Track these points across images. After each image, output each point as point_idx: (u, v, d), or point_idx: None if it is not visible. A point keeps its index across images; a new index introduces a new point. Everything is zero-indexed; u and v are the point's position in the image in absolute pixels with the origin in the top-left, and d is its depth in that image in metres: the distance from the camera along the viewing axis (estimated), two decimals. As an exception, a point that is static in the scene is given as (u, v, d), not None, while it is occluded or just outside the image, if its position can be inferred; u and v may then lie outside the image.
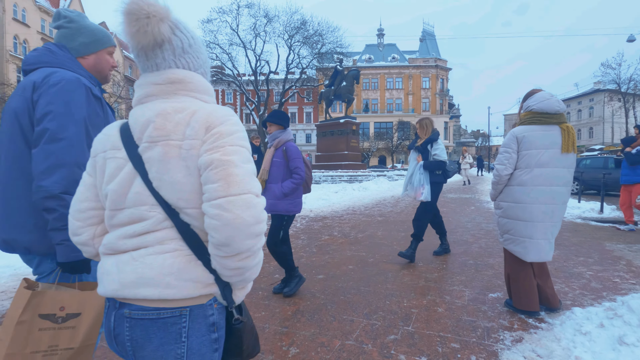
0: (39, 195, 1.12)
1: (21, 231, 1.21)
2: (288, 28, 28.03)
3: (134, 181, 0.80)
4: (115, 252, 0.82)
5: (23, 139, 1.21)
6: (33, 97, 1.19)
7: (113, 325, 0.81)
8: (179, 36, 0.87)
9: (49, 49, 1.30)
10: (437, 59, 51.66)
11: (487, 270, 3.62)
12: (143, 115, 0.83)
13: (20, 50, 30.38)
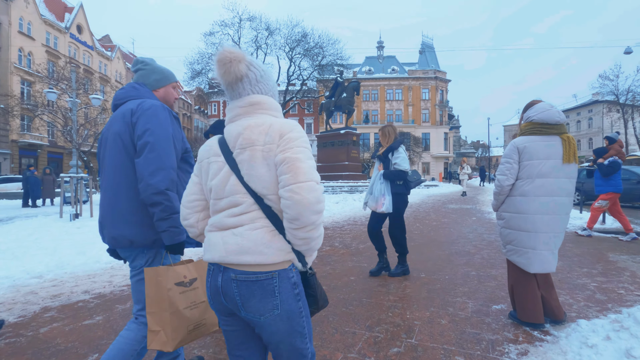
0: (148, 192, 1.44)
1: (126, 227, 1.51)
2: (289, 40, 28.48)
3: (230, 177, 1.11)
4: (220, 229, 1.11)
5: (125, 153, 1.54)
6: (132, 120, 1.53)
7: (221, 285, 1.09)
8: (252, 71, 1.19)
9: (133, 86, 1.69)
10: (437, 70, 52.20)
11: (490, 281, 3.59)
12: (235, 130, 1.14)
13: (24, 63, 30.77)
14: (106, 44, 44.49)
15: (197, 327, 1.49)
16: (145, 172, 1.45)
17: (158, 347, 1.42)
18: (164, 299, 1.42)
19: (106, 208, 1.58)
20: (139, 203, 1.51)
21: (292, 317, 1.11)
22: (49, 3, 35.24)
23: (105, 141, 1.62)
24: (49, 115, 23.17)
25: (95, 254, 4.71)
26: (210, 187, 1.16)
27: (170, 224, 1.47)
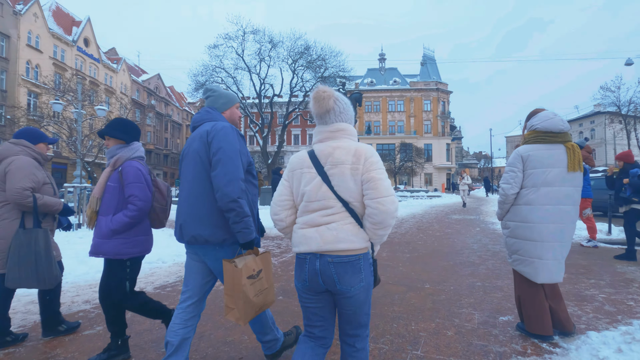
0: (224, 200, 1.72)
1: (204, 228, 1.80)
2: (292, 53, 28.81)
3: (322, 186, 1.47)
4: (313, 226, 1.46)
5: (203, 167, 1.83)
6: (208, 140, 1.83)
7: (319, 268, 1.44)
8: (338, 105, 1.57)
9: (206, 110, 2.01)
10: (438, 82, 52.61)
11: (496, 292, 3.53)
12: (325, 149, 1.51)
13: (32, 75, 31.28)
14: (112, 57, 45.24)
15: (261, 308, 1.86)
16: (221, 184, 1.73)
17: (233, 319, 1.78)
18: (239, 291, 1.73)
19: (187, 212, 1.86)
20: (214, 208, 1.80)
21: (369, 288, 1.50)
22: (57, 17, 36.02)
23: (186, 157, 1.94)
24: (55, 126, 23.44)
25: (97, 263, 4.69)
26: (303, 192, 1.51)
27: (243, 226, 1.75)
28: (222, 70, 29.13)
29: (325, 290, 1.48)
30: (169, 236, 7.09)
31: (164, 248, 5.74)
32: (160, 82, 53.95)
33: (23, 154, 2.52)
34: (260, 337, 2.13)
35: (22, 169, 2.42)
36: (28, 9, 31.21)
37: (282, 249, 6.09)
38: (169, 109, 55.58)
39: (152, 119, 49.85)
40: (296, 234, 1.52)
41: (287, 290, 3.69)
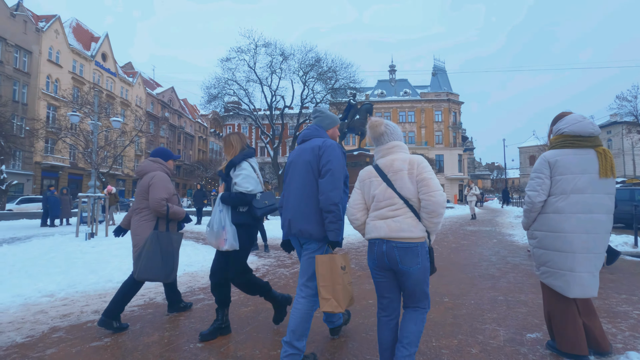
0: (327, 203, 2.09)
1: (309, 224, 2.17)
2: (303, 65, 29.12)
3: (387, 189, 1.93)
4: (382, 219, 1.91)
5: (312, 175, 2.22)
6: (319, 153, 2.22)
7: (385, 250, 1.87)
8: (388, 129, 2.07)
9: (315, 128, 2.43)
10: (449, 93, 52.39)
11: (520, 307, 3.33)
12: (386, 162, 1.99)
13: (51, 89, 32.31)
14: (128, 71, 46.53)
15: (352, 299, 2.15)
16: (326, 189, 2.11)
17: (330, 310, 2.03)
18: (338, 277, 2.04)
19: (296, 210, 2.23)
20: (318, 209, 2.16)
21: (425, 271, 1.89)
22: (77, 33, 37.36)
23: (296, 165, 2.34)
24: (72, 137, 24.02)
25: (107, 273, 4.65)
26: (373, 195, 1.99)
27: (336, 227, 2.11)
28: (234, 83, 29.58)
29: (389, 269, 1.91)
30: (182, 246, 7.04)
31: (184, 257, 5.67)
32: (174, 95, 55.13)
33: (160, 170, 3.09)
34: (291, 338, 2.21)
35: (161, 182, 2.96)
36: (50, 26, 32.46)
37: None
38: (182, 121, 56.60)
39: (165, 131, 50.78)
40: (368, 225, 2.00)
41: (300, 302, 3.56)
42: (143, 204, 2.97)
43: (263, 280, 2.94)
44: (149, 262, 2.77)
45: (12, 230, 11.62)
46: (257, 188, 2.71)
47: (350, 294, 2.14)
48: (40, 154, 30.54)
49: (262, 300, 3.63)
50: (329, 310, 2.02)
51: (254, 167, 2.81)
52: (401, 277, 1.89)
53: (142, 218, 2.94)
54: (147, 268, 2.77)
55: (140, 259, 2.77)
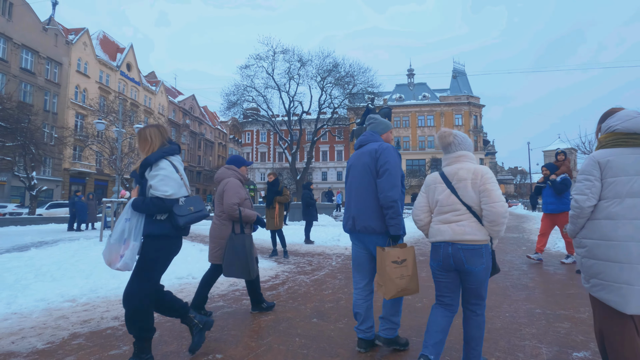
0: (386, 200, 2.31)
1: (372, 220, 2.40)
2: (320, 71, 29.21)
3: (451, 196, 2.07)
4: (446, 223, 2.05)
5: (371, 176, 2.44)
6: (376, 156, 2.43)
7: (451, 252, 2.01)
8: (456, 139, 2.19)
9: (370, 134, 2.63)
10: (469, 96, 51.33)
11: (561, 322, 3.06)
12: (452, 170, 2.12)
13: (80, 98, 33.67)
14: (151, 80, 48.02)
15: (403, 290, 2.25)
16: (385, 188, 2.33)
17: (381, 293, 2.29)
18: (387, 268, 2.23)
19: (359, 209, 2.47)
20: (378, 206, 2.38)
21: (487, 271, 2.02)
22: (103, 45, 38.91)
23: (355, 168, 2.57)
24: (98, 145, 24.87)
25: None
26: (437, 200, 2.13)
27: (396, 222, 2.30)
28: (253, 90, 29.97)
29: (454, 269, 2.05)
30: (200, 251, 7.04)
31: (194, 263, 5.65)
32: (194, 103, 56.46)
33: (233, 177, 3.32)
34: (386, 314, 2.48)
35: (233, 189, 3.18)
36: (79, 39, 33.95)
37: (314, 266, 5.82)
38: (202, 127, 57.82)
39: (186, 138, 51.97)
40: (432, 228, 2.15)
41: (322, 312, 3.42)
42: (220, 208, 3.25)
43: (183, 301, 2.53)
44: (227, 261, 3.06)
45: (41, 234, 12.02)
46: (180, 192, 2.24)
47: (402, 286, 2.23)
48: (69, 160, 31.79)
49: (282, 309, 3.51)
50: (380, 294, 2.31)
51: (177, 166, 2.30)
52: (466, 277, 2.04)
53: (222, 222, 3.24)
54: (227, 267, 3.07)
55: (224, 259, 3.09)
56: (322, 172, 54.98)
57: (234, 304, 3.69)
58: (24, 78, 28.56)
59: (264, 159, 57.50)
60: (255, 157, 57.72)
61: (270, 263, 6.10)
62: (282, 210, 6.98)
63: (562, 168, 5.97)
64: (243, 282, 4.61)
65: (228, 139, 66.04)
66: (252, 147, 58.34)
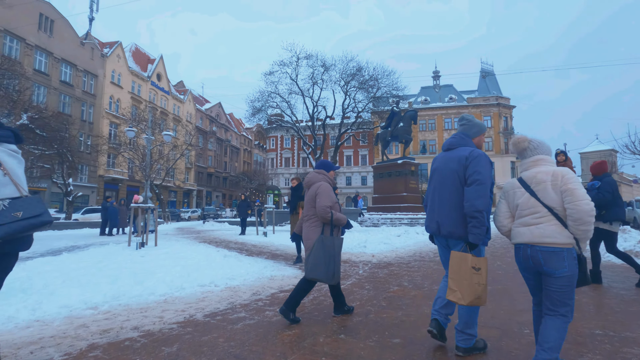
0: (471, 209, 2.26)
1: (457, 227, 2.39)
2: (344, 75, 29.07)
3: (530, 199, 2.10)
4: (526, 226, 2.10)
5: (459, 183, 2.40)
6: (465, 163, 2.37)
7: (530, 254, 2.06)
8: (531, 144, 2.24)
9: (461, 136, 2.57)
10: (499, 97, 49.47)
11: (630, 346, 2.63)
12: (530, 174, 2.15)
13: (113, 108, 35.24)
14: (180, 89, 49.67)
15: (479, 298, 2.21)
16: (471, 197, 2.28)
17: (454, 300, 2.24)
18: (466, 273, 2.21)
19: (445, 216, 2.47)
20: (463, 213, 2.35)
21: (572, 278, 1.99)
22: (135, 56, 40.68)
23: (441, 172, 2.55)
24: (130, 152, 25.83)
25: (152, 284, 4.58)
26: (516, 204, 2.17)
27: (478, 232, 2.26)
28: (277, 96, 30.25)
29: (535, 270, 2.09)
30: (224, 257, 6.95)
31: (217, 270, 5.54)
32: (221, 110, 57.85)
33: (324, 180, 3.41)
34: (462, 327, 2.43)
35: (326, 192, 3.27)
36: (113, 51, 35.65)
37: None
38: (228, 134, 59.07)
39: (213, 144, 53.23)
40: (513, 231, 2.19)
41: (349, 327, 3.15)
42: (311, 212, 3.33)
43: None
44: (314, 263, 3.10)
45: (74, 238, 12.47)
46: (3, 191, 1.71)
47: (479, 294, 2.20)
48: (103, 167, 33.27)
49: (307, 322, 3.27)
50: (453, 300, 2.26)
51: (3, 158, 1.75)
52: (546, 279, 2.04)
53: (311, 224, 3.31)
54: (313, 269, 3.10)
55: (309, 260, 3.13)
56: (346, 177, 54.59)
57: (257, 315, 3.49)
58: (63, 90, 30.24)
59: (288, 165, 57.85)
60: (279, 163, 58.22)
61: (295, 271, 5.89)
62: (307, 215, 6.77)
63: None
64: (267, 292, 4.42)
65: (253, 145, 67.08)
66: (277, 152, 58.90)
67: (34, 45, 27.88)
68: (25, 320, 3.29)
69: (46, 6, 29.23)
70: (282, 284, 4.84)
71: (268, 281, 5.03)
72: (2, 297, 3.94)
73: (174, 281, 4.75)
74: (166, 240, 10.88)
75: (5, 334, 2.96)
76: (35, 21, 28.07)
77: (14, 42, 26.54)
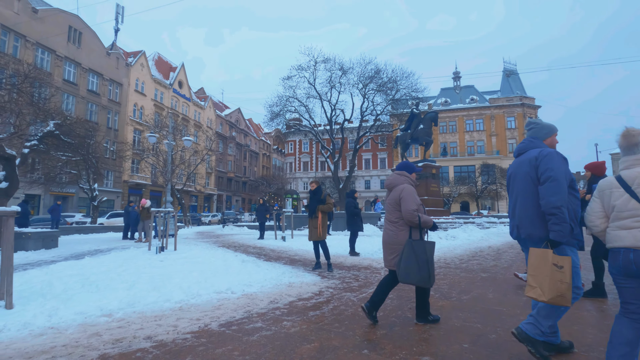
0: (548, 207, 2.24)
1: (535, 228, 2.37)
2: (362, 78, 28.77)
3: (631, 201, 1.96)
4: (627, 229, 1.95)
5: (532, 184, 2.40)
6: (536, 164, 2.38)
7: (633, 258, 1.89)
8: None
9: (529, 140, 2.57)
10: (523, 96, 47.89)
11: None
12: (631, 174, 2.00)
13: (137, 115, 36.30)
14: (200, 95, 50.73)
15: (562, 296, 2.14)
16: (546, 194, 2.25)
17: (533, 296, 2.21)
18: (547, 269, 2.16)
19: (522, 218, 2.46)
20: (540, 214, 2.33)
21: None
22: (158, 65, 41.88)
23: (515, 177, 2.57)
24: (152, 158, 26.46)
25: (168, 290, 4.49)
26: (613, 205, 2.03)
27: (559, 228, 2.20)
28: (295, 100, 30.28)
29: (637, 276, 1.91)
30: (242, 262, 6.83)
31: (234, 275, 5.41)
32: (240, 115, 58.68)
33: (406, 183, 3.33)
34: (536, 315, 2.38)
35: (410, 195, 3.20)
36: (137, 61, 36.81)
37: (361, 282, 5.31)
38: (247, 139, 59.79)
39: (232, 149, 53.97)
40: (609, 234, 2.04)
41: (373, 341, 2.91)
42: (395, 215, 3.27)
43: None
44: (406, 267, 3.02)
45: (98, 242, 12.74)
46: None
47: (562, 292, 2.14)
48: (128, 173, 34.25)
49: (327, 334, 3.05)
50: (533, 297, 2.23)
51: None
52: None
53: (398, 228, 3.23)
54: (406, 273, 3.03)
55: (400, 265, 3.06)
56: (365, 181, 54.08)
57: (274, 325, 3.30)
58: (90, 99, 31.41)
59: (307, 169, 57.90)
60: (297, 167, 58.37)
61: (314, 277, 5.68)
62: (326, 220, 6.55)
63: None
64: (284, 300, 4.23)
65: (272, 150, 67.62)
66: (295, 156, 59.10)
67: (64, 56, 29.13)
68: (40, 327, 3.23)
69: (75, 19, 30.53)
70: (300, 292, 4.65)
71: (286, 288, 4.85)
72: (22, 301, 3.97)
73: (190, 287, 4.64)
74: (186, 244, 10.91)
75: (19, 341, 2.90)
76: (65, 34, 29.34)
77: (45, 54, 27.82)
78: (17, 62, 14.22)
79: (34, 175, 19.09)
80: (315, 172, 55.97)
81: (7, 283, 3.76)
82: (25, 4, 26.31)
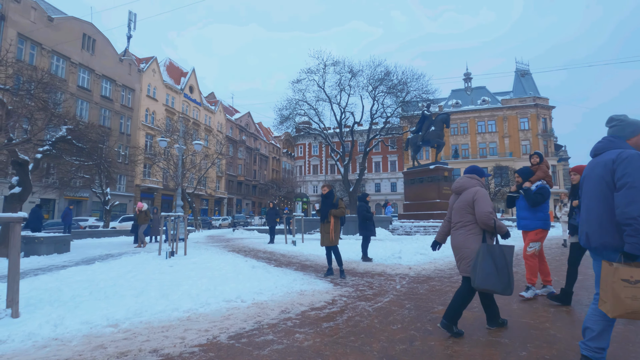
0: (623, 217, 2.06)
1: (609, 238, 2.18)
2: (372, 80, 28.54)
3: None
4: None
5: (607, 189, 2.20)
6: (613, 167, 2.17)
7: None
8: None
9: (609, 139, 2.32)
10: (536, 97, 46.92)
11: None
12: None
13: (149, 120, 36.74)
14: (211, 100, 51.19)
15: (634, 313, 1.99)
16: (622, 203, 2.06)
17: (604, 310, 2.12)
18: (614, 284, 2.03)
19: (590, 224, 2.28)
20: (613, 221, 2.14)
21: None
22: (169, 70, 42.41)
23: (589, 180, 2.36)
24: (164, 162, 26.66)
25: (176, 298, 4.36)
26: None
27: (635, 240, 2.00)
28: (305, 103, 30.21)
29: None
30: (252, 268, 6.67)
31: (244, 282, 5.25)
32: (250, 119, 59.00)
33: (479, 186, 3.23)
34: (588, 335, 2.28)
35: (485, 197, 3.08)
36: (149, 66, 37.32)
37: (375, 290, 5.09)
38: (257, 143, 60.04)
39: (242, 153, 54.25)
40: None
41: (393, 357, 2.70)
42: (467, 218, 3.14)
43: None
44: (484, 273, 2.87)
45: (110, 246, 12.77)
46: None
47: (631, 309, 1.98)
48: (140, 177, 34.63)
49: (342, 349, 2.86)
50: (604, 311, 2.13)
51: None
52: None
53: (469, 231, 3.11)
54: (484, 279, 2.87)
55: (476, 271, 2.90)
56: (375, 184, 53.66)
57: (285, 338, 3.12)
58: (103, 104, 31.91)
59: (316, 172, 57.77)
60: (307, 170, 58.29)
61: (326, 284, 5.49)
62: (338, 224, 6.36)
63: (538, 173, 4.63)
64: (296, 309, 4.05)
65: (281, 153, 67.74)
66: (305, 160, 59.05)
67: (78, 63, 29.67)
68: (44, 337, 3.12)
69: (89, 26, 31.12)
70: (312, 300, 4.46)
71: (298, 296, 4.67)
72: (29, 309, 3.88)
73: (199, 295, 4.51)
74: (196, 249, 10.83)
75: (22, 354, 2.79)
76: (79, 41, 29.93)
77: (60, 61, 28.38)
78: (31, 69, 14.42)
79: (49, 180, 19.37)
80: (325, 175, 55.79)
81: (14, 291, 3.67)
82: (41, 13, 26.93)
